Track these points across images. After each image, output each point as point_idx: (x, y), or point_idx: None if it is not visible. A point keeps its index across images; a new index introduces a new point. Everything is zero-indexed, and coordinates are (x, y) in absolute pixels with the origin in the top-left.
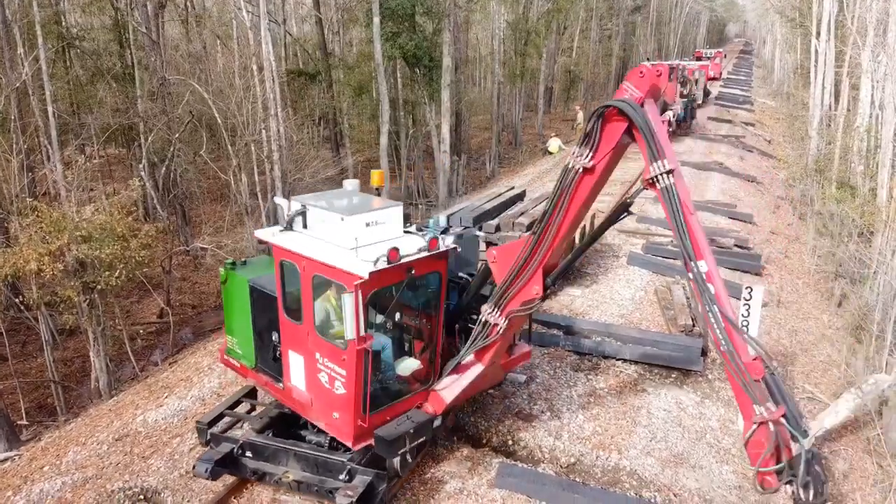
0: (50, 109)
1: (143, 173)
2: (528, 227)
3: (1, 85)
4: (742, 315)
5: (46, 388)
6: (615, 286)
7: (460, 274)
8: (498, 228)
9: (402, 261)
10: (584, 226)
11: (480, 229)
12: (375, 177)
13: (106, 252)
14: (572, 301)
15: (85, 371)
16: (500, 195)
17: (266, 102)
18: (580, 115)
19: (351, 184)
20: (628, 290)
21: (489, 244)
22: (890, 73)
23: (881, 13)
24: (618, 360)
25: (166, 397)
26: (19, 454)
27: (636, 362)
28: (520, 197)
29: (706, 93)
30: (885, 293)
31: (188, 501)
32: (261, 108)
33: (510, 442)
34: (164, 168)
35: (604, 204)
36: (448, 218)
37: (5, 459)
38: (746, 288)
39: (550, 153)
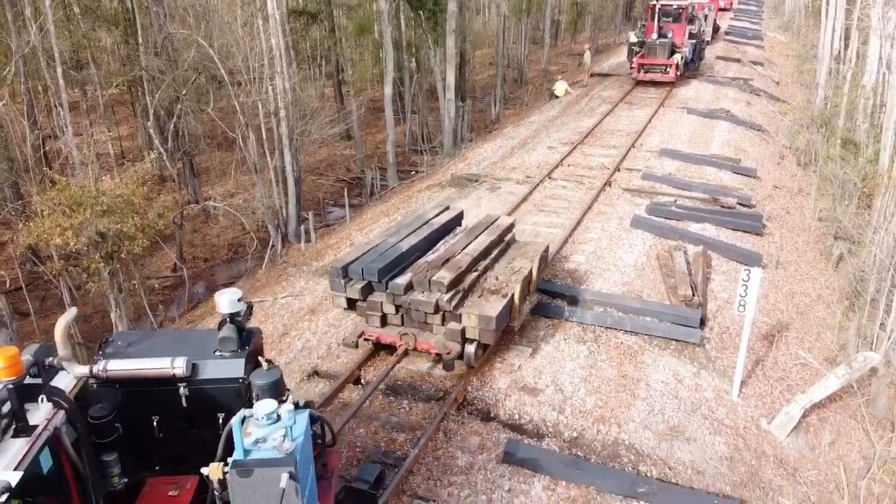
0: (59, 71)
1: (151, 130)
2: (449, 287)
3: (11, 50)
4: (740, 296)
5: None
6: (618, 251)
7: None
8: (410, 287)
9: None
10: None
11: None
12: None
13: (128, 225)
14: (576, 268)
15: (104, 327)
16: (427, 222)
17: (272, 59)
18: (587, 55)
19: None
20: (631, 255)
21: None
22: None
23: None
24: (619, 331)
25: None
26: None
27: (636, 333)
28: (457, 221)
29: (715, 29)
30: (880, 263)
31: None
32: (267, 65)
33: (517, 416)
34: (171, 124)
35: (608, 158)
36: (345, 269)
37: None
38: (745, 269)
39: (556, 97)
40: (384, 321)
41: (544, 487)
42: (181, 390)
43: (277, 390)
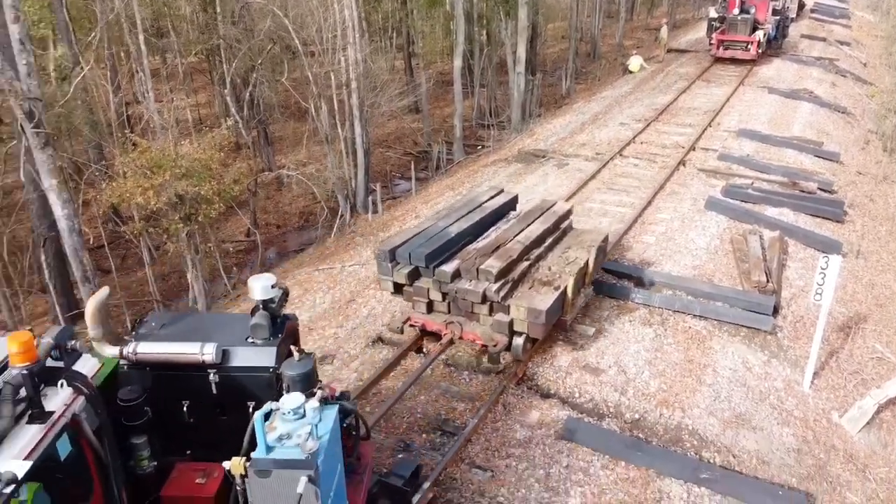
0: (141, 38)
1: (227, 99)
2: (497, 276)
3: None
4: (817, 284)
5: (147, 304)
6: (690, 234)
7: None
8: (458, 274)
9: None
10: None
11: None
12: None
13: (205, 189)
14: (645, 249)
15: (181, 286)
16: (480, 205)
17: (345, 30)
18: (664, 30)
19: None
20: (703, 238)
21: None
22: None
23: None
24: (687, 315)
25: None
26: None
27: (705, 318)
28: (511, 205)
29: (801, 5)
30: None
31: None
32: (339, 36)
33: (577, 395)
34: (246, 93)
35: (682, 137)
36: (392, 252)
37: None
38: (823, 257)
39: (631, 72)
40: (430, 308)
41: (603, 466)
42: (211, 377)
43: (308, 382)
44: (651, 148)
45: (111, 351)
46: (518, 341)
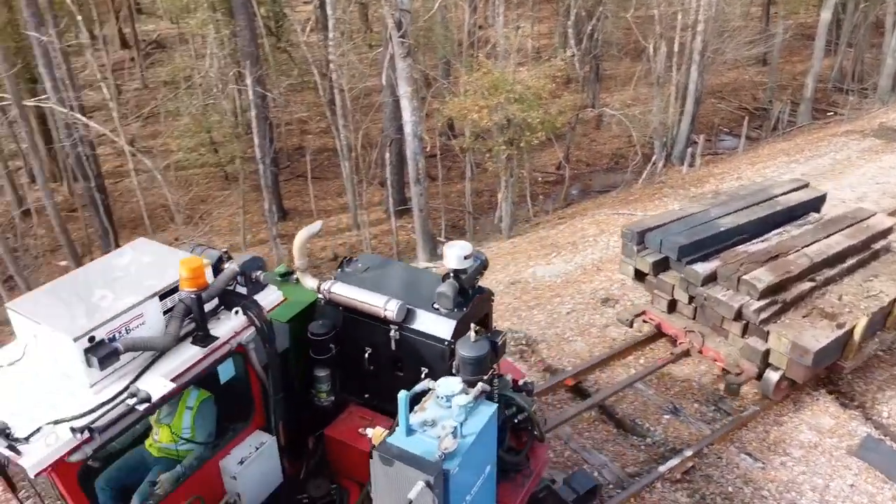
0: None
1: (569, 30)
2: (763, 293)
3: None
4: None
5: (459, 213)
6: None
7: None
8: (713, 277)
9: None
10: None
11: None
12: None
13: (533, 116)
14: None
15: (490, 205)
16: (771, 198)
17: None
18: None
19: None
20: None
21: None
22: None
23: None
24: None
25: (553, 256)
26: (434, 266)
27: None
28: (812, 206)
29: None
30: None
31: (558, 358)
32: None
33: (885, 414)
34: (588, 26)
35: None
36: (642, 234)
37: (426, 269)
38: None
39: None
40: (672, 307)
41: (893, 497)
42: (392, 332)
43: (478, 366)
44: None
45: (312, 283)
46: (771, 377)
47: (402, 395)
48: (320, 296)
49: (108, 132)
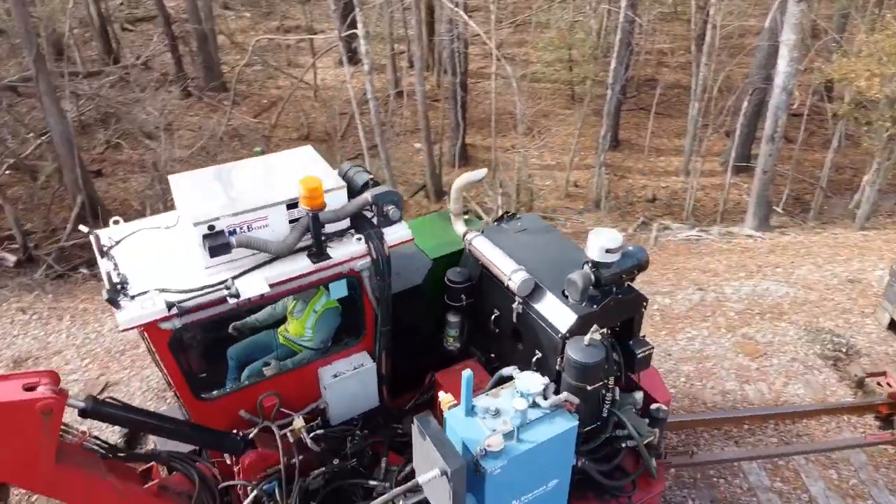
0: None
1: None
2: None
3: None
4: None
5: (810, 185)
6: None
7: None
8: None
9: None
10: None
11: None
12: None
13: None
14: None
15: (850, 186)
16: None
17: None
18: None
19: None
20: None
21: None
22: None
23: None
24: None
25: None
26: (762, 237)
27: None
28: None
29: None
30: None
31: None
32: None
33: None
34: None
35: None
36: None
37: (750, 236)
38: None
39: None
40: None
41: None
42: (514, 304)
43: (584, 374)
44: None
45: (461, 230)
46: None
47: (466, 374)
48: (464, 244)
49: (482, 33)
